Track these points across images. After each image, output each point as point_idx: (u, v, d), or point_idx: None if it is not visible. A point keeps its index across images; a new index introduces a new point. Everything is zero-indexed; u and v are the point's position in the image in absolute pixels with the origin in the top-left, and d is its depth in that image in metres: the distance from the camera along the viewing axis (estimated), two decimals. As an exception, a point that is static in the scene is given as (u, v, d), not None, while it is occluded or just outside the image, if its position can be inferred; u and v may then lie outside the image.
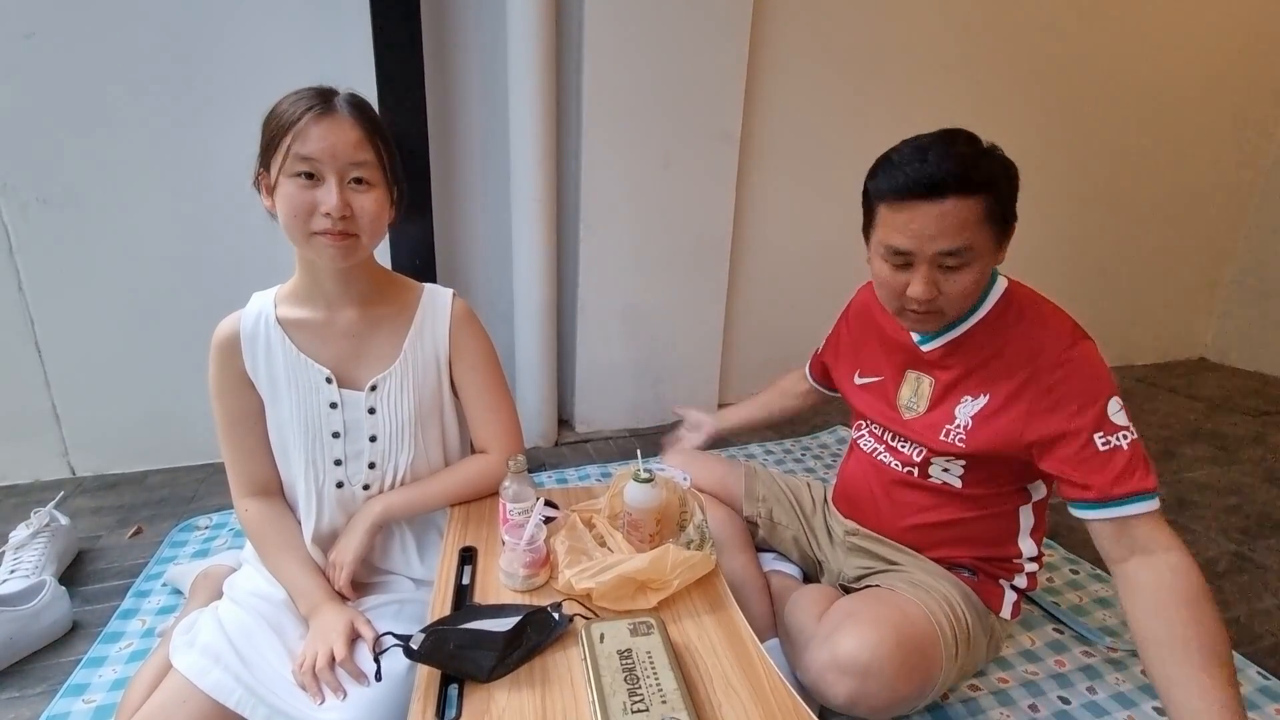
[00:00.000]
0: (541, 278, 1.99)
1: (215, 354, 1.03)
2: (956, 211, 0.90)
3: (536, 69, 1.80)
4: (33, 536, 1.38)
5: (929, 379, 1.11)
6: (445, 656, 0.75)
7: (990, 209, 0.92)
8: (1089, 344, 0.99)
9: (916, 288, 0.95)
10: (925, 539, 1.14)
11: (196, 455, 1.93)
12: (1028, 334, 1.00)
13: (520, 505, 0.97)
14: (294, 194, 0.91)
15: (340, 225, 0.92)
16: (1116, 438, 0.93)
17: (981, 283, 0.98)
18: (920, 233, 0.92)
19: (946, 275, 0.95)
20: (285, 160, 0.90)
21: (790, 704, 0.75)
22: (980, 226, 0.92)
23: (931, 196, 0.90)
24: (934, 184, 0.90)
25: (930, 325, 1.03)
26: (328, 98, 0.93)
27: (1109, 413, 0.94)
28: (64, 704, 1.10)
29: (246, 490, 1.08)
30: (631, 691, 0.72)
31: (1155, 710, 1.15)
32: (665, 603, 0.91)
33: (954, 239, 0.91)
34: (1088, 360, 0.97)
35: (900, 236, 0.94)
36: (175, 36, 1.61)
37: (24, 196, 1.61)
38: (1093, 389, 0.95)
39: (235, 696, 0.92)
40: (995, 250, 0.97)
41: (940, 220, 0.91)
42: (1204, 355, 3.39)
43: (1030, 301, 1.04)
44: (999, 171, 0.93)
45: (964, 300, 0.98)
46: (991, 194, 0.92)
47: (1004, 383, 1.01)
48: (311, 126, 0.90)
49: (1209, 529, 1.77)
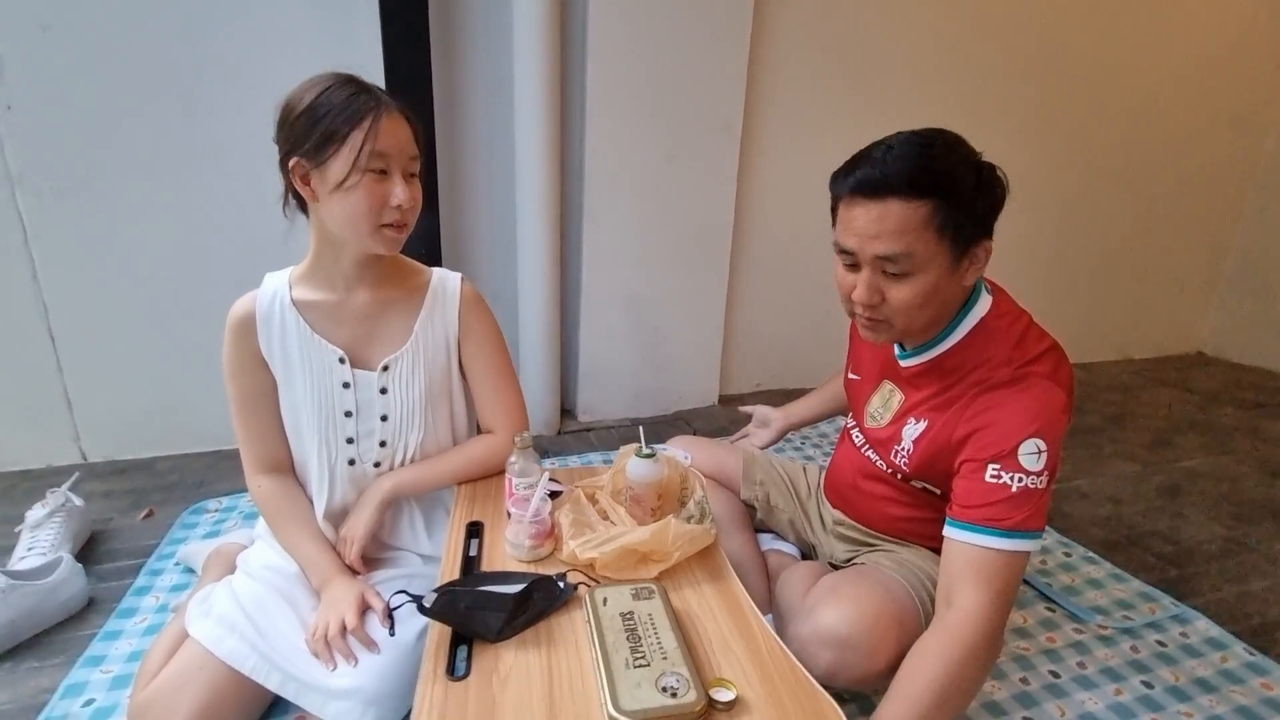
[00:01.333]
0: (545, 269, 2.03)
1: (230, 333, 1.06)
2: (896, 214, 0.85)
3: (541, 64, 1.83)
4: (49, 516, 1.41)
5: (900, 395, 1.09)
6: (456, 615, 0.78)
7: (940, 218, 0.85)
8: (1047, 384, 0.91)
9: (859, 291, 0.92)
10: (906, 532, 1.15)
11: (204, 442, 1.96)
12: (990, 359, 0.95)
13: (526, 480, 1.00)
14: (370, 188, 0.94)
15: (406, 217, 0.98)
16: (1009, 476, 0.87)
17: (933, 298, 0.91)
18: (861, 232, 0.88)
19: (889, 283, 0.90)
20: (359, 157, 0.92)
21: (787, 664, 0.79)
22: (923, 234, 0.86)
23: (874, 196, 0.87)
24: (876, 184, 0.86)
25: (881, 335, 0.98)
26: (378, 94, 0.96)
27: (1018, 452, 0.88)
28: (82, 673, 1.13)
29: (259, 467, 1.11)
30: (634, 649, 0.75)
31: (1143, 684, 1.18)
32: (666, 573, 0.94)
33: (891, 243, 0.86)
34: (1026, 395, 0.91)
35: (845, 234, 0.91)
36: (187, 29, 1.64)
37: (39, 186, 1.64)
38: (1014, 424, 0.89)
39: (250, 663, 0.95)
40: (950, 267, 0.89)
41: (880, 222, 0.86)
42: (1201, 350, 3.42)
43: (1011, 325, 0.97)
44: (963, 182, 0.86)
45: (911, 313, 0.92)
46: (944, 202, 0.85)
47: (946, 412, 0.97)
48: (382, 122, 0.93)
49: (1200, 515, 1.81)
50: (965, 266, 0.91)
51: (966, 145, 0.90)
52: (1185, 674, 1.21)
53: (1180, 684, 1.18)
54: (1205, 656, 1.25)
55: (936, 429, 0.99)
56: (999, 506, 0.88)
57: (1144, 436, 2.33)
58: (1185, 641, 1.29)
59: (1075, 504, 1.85)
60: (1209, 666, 1.23)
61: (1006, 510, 0.87)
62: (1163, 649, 1.27)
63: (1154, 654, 1.26)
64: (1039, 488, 0.88)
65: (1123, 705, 1.13)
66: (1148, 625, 1.33)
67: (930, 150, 0.87)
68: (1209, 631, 1.32)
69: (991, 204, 0.89)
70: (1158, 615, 1.36)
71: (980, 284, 1.02)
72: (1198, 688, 1.18)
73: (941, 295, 0.92)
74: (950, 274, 0.91)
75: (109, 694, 1.09)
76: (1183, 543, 1.66)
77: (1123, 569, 1.52)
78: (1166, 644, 1.28)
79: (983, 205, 0.88)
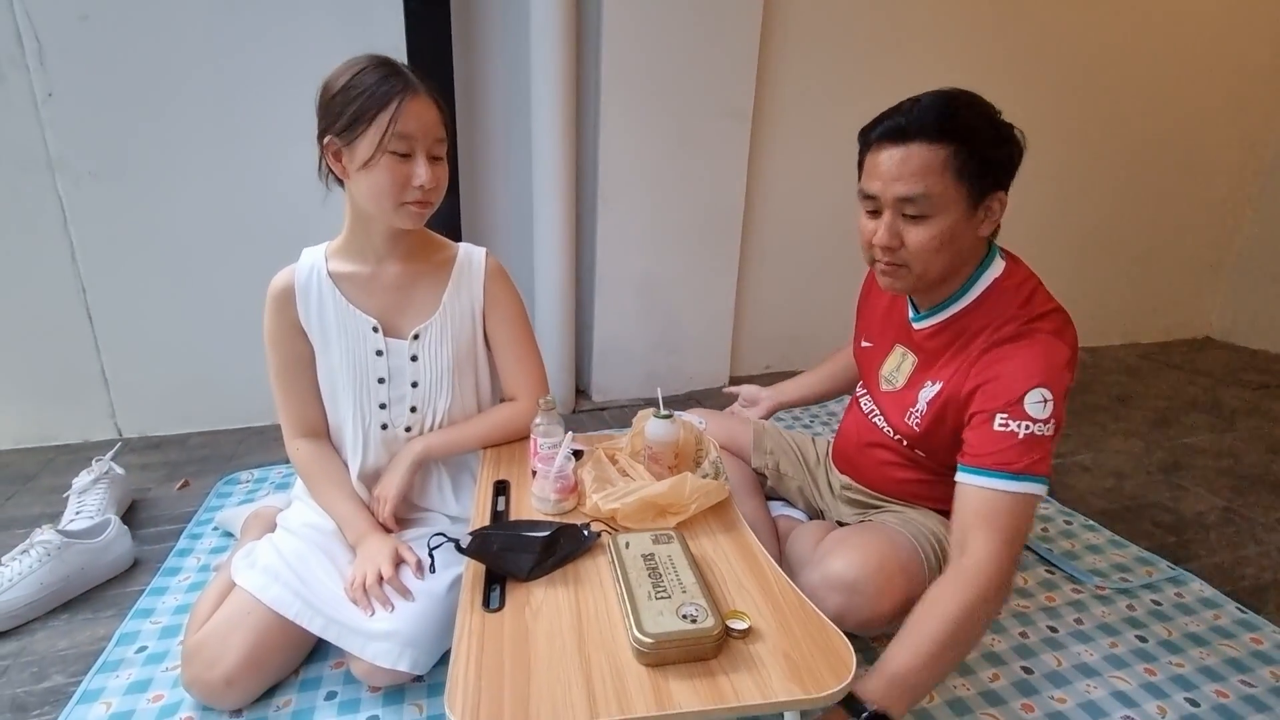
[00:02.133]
0: (560, 251, 2.08)
1: (271, 304, 1.13)
2: (919, 156, 0.91)
3: (557, 50, 1.88)
4: (94, 482, 1.49)
5: (913, 357, 1.14)
6: (490, 555, 0.85)
7: (959, 162, 0.91)
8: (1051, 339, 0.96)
9: (880, 234, 0.97)
10: (911, 494, 1.20)
11: (235, 419, 2.03)
12: (999, 316, 1.00)
13: (550, 440, 1.06)
14: (393, 168, 1.00)
15: (429, 196, 1.04)
16: (1017, 424, 0.92)
17: (949, 243, 0.96)
18: (885, 175, 0.94)
19: (908, 226, 0.96)
20: (384, 138, 0.98)
21: (796, 600, 0.85)
22: (943, 176, 0.91)
23: (899, 141, 0.93)
24: (902, 129, 0.93)
25: (898, 281, 1.02)
26: (407, 76, 1.01)
27: (1024, 401, 0.92)
28: (134, 624, 1.21)
29: (297, 431, 1.18)
30: (655, 584, 0.81)
31: (1138, 638, 1.23)
32: (682, 525, 1.00)
33: (912, 184, 0.92)
34: (1032, 347, 0.95)
35: (869, 179, 0.98)
36: (218, 17, 1.71)
37: (77, 170, 1.72)
38: (1021, 375, 0.93)
39: (295, 608, 1.02)
40: (967, 213, 0.95)
41: (903, 164, 0.92)
42: (1209, 334, 3.43)
43: (1020, 286, 1.02)
44: (983, 132, 0.93)
45: (928, 256, 0.96)
46: (962, 147, 0.91)
47: (958, 372, 1.02)
48: (408, 105, 0.98)
49: (1199, 487, 1.85)
50: (980, 217, 0.97)
51: (988, 103, 0.96)
52: (1178, 629, 1.26)
53: (1173, 638, 1.24)
54: (1198, 614, 1.30)
55: (949, 388, 1.03)
56: (1007, 452, 0.92)
57: (1148, 415, 2.37)
58: (1180, 601, 1.34)
59: (1078, 477, 1.89)
60: (1202, 623, 1.28)
61: (1015, 455, 0.91)
62: (1158, 607, 1.32)
63: (1149, 612, 1.31)
64: (1045, 435, 0.92)
65: (1117, 656, 1.18)
66: (1144, 586, 1.38)
67: (953, 102, 0.93)
68: (1203, 592, 1.37)
69: (1008, 157, 0.95)
70: (1154, 578, 1.41)
71: (995, 249, 1.06)
72: (1190, 641, 1.23)
73: (957, 242, 0.97)
74: (966, 220, 0.96)
75: (160, 641, 1.17)
76: (1181, 512, 1.71)
77: (1122, 536, 1.57)
78: (1161, 603, 1.33)
79: (999, 156, 0.94)
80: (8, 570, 1.21)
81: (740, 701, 0.69)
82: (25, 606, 1.20)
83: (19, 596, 1.20)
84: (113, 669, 1.11)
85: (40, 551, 1.24)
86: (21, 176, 1.68)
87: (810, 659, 0.74)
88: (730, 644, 0.76)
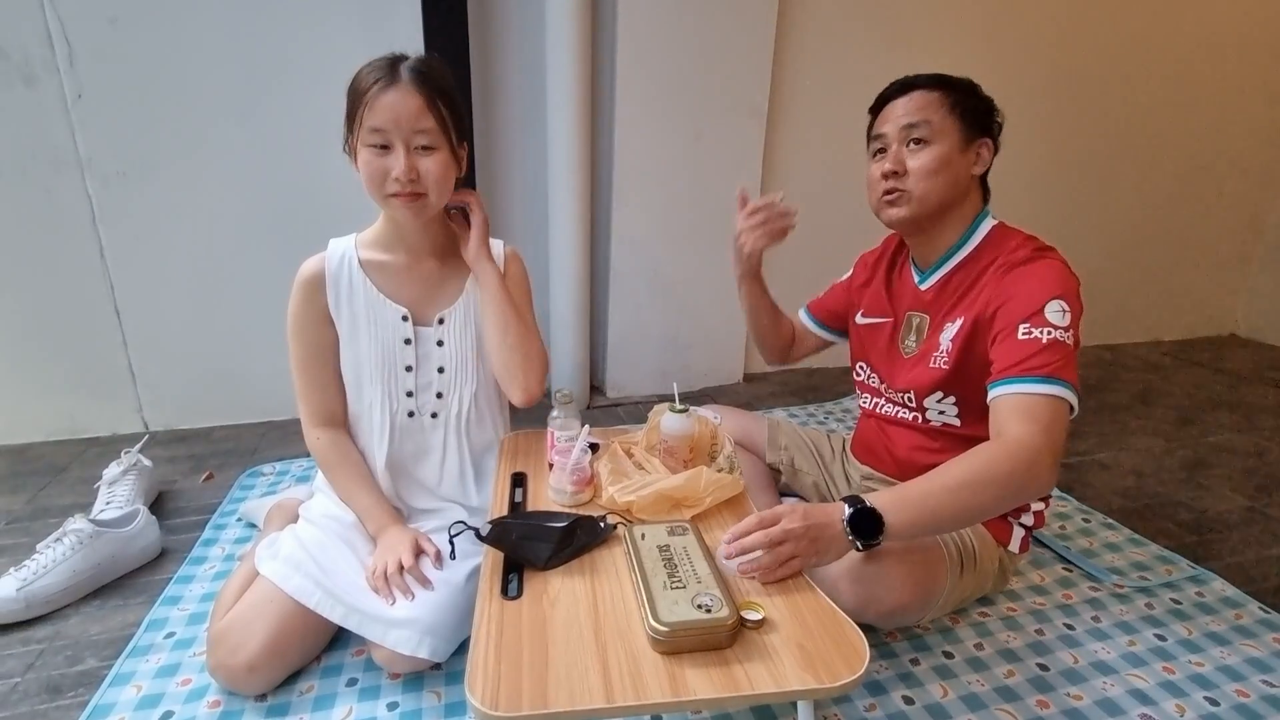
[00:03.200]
0: (576, 247, 2.10)
1: (299, 291, 1.15)
2: (920, 97, 1.11)
3: (573, 47, 1.90)
4: (123, 473, 1.53)
5: (925, 316, 1.20)
6: (509, 543, 0.86)
7: (954, 100, 1.09)
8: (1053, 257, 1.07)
9: (887, 162, 1.12)
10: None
11: (258, 413, 2.07)
12: (1007, 247, 1.10)
13: (567, 433, 1.08)
14: (370, 161, 1.03)
15: (410, 187, 1.04)
16: (1040, 330, 0.98)
17: (946, 168, 1.09)
18: (891, 115, 1.12)
19: (911, 154, 1.10)
20: (359, 131, 1.02)
21: (810, 593, 0.85)
22: (940, 110, 1.09)
23: (903, 91, 1.13)
24: (905, 83, 1.13)
25: (901, 208, 1.13)
26: (394, 67, 1.03)
27: (1045, 310, 0.99)
28: (162, 610, 1.24)
29: (318, 420, 1.20)
30: (670, 574, 0.82)
31: (1156, 637, 1.22)
32: (697, 518, 1.01)
33: (916, 114, 1.09)
34: (1045, 266, 1.05)
35: (878, 126, 1.15)
36: (243, 19, 1.74)
37: (106, 170, 1.76)
38: (1038, 288, 1.01)
39: (315, 598, 1.04)
40: (961, 144, 1.09)
41: (907, 104, 1.11)
42: (1235, 332, 3.37)
43: (1013, 233, 1.14)
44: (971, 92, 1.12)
45: (927, 179, 1.09)
46: (954, 92, 1.10)
47: (976, 302, 1.09)
48: (378, 98, 1.00)
49: (1223, 486, 1.82)
50: (972, 156, 1.12)
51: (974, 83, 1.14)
52: (1199, 629, 1.25)
53: (1193, 637, 1.22)
54: (1220, 613, 1.29)
55: (970, 317, 1.09)
56: (1034, 359, 0.97)
57: (1170, 414, 2.33)
58: (1201, 600, 1.33)
59: (1097, 474, 1.88)
60: (1223, 622, 1.26)
61: (1042, 360, 0.96)
62: (1177, 606, 1.31)
63: (1168, 610, 1.29)
64: (1067, 342, 0.98)
65: (1135, 654, 1.17)
66: (1163, 585, 1.37)
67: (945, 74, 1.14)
68: (1225, 591, 1.35)
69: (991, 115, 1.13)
70: (1174, 576, 1.40)
71: (987, 210, 1.17)
72: (1210, 640, 1.22)
73: (953, 170, 1.10)
74: (960, 153, 1.10)
75: (187, 628, 1.20)
76: (1203, 512, 1.69)
77: (1142, 535, 1.56)
78: (1181, 602, 1.32)
79: (984, 109, 1.12)
80: (42, 558, 1.25)
81: (754, 690, 0.70)
82: (59, 592, 1.24)
83: (53, 583, 1.23)
84: (143, 653, 1.14)
85: (73, 540, 1.28)
86: (52, 176, 1.73)
87: (824, 649, 0.75)
88: (745, 634, 0.77)
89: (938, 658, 1.16)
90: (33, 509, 1.59)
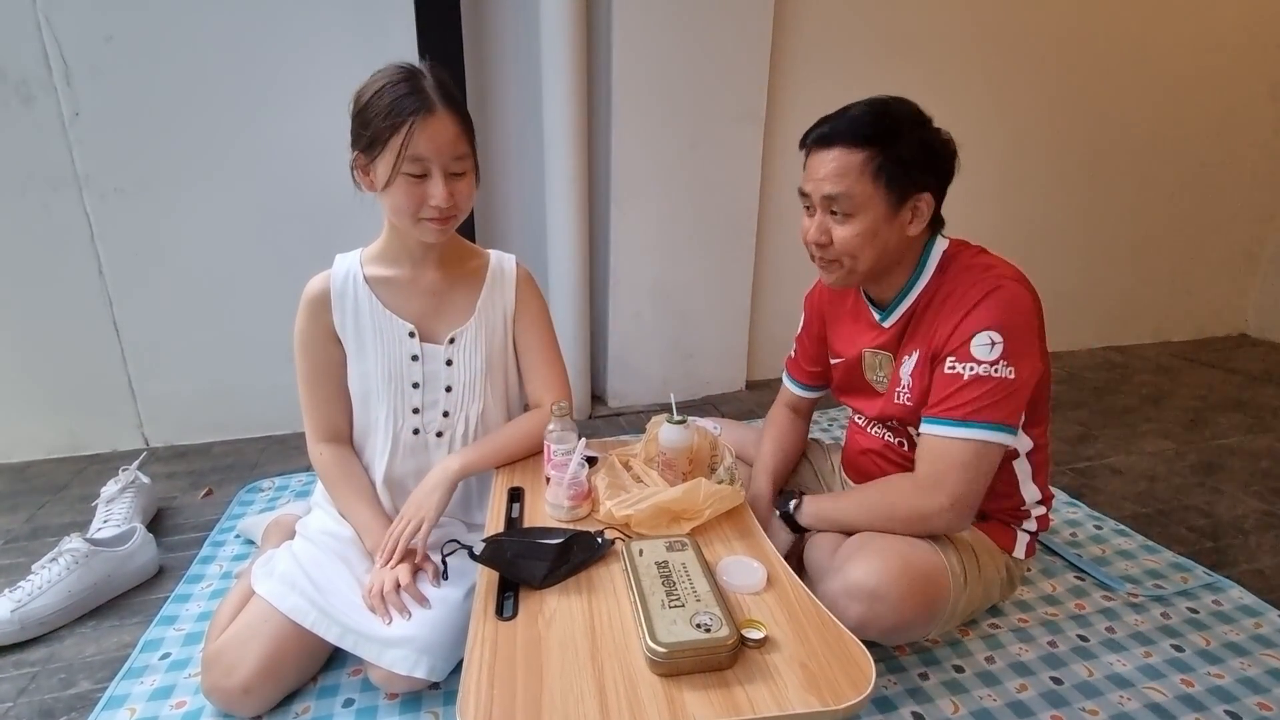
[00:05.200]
0: (574, 256, 2.09)
1: (305, 309, 1.14)
2: (838, 159, 1.00)
3: (568, 55, 1.89)
4: (121, 491, 1.52)
5: (885, 353, 1.15)
6: (503, 562, 0.84)
7: (877, 165, 0.98)
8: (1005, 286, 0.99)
9: (811, 231, 1.06)
10: None
11: (258, 428, 2.06)
12: (956, 281, 1.05)
13: (564, 447, 1.06)
14: (408, 189, 1.01)
15: (446, 212, 1.04)
16: (963, 366, 0.98)
17: (873, 239, 1.02)
18: (814, 176, 1.04)
19: (835, 223, 1.03)
20: (398, 161, 0.99)
21: (814, 610, 0.83)
22: (861, 178, 0.99)
23: (825, 145, 1.02)
24: (826, 136, 1.02)
25: (834, 275, 1.09)
26: (422, 90, 1.00)
27: (972, 344, 0.98)
28: (158, 631, 1.23)
29: (321, 436, 1.19)
30: (669, 592, 0.80)
31: (1173, 647, 1.19)
32: (697, 530, 0.99)
33: (834, 184, 1.00)
34: (990, 295, 0.99)
35: (804, 180, 1.07)
36: (238, 34, 1.74)
37: (103, 186, 1.76)
38: (968, 321, 0.99)
39: (311, 617, 1.03)
40: (889, 213, 1.01)
41: (824, 166, 1.01)
42: (1245, 331, 3.33)
43: (969, 256, 1.08)
44: (905, 138, 0.99)
45: (854, 252, 1.03)
46: (878, 151, 0.98)
47: (930, 336, 1.05)
48: (420, 130, 0.98)
49: (1237, 490, 1.78)
50: (906, 217, 1.03)
51: (918, 110, 1.03)
52: (1217, 639, 1.21)
53: (1211, 648, 1.19)
54: (1238, 623, 1.26)
55: (926, 352, 1.06)
56: (953, 397, 0.99)
57: (1181, 416, 2.29)
58: (1218, 609, 1.29)
59: (1107, 480, 1.84)
60: (1242, 632, 1.23)
61: (960, 399, 0.98)
62: (1194, 615, 1.27)
63: (1185, 620, 1.26)
64: (993, 375, 0.97)
65: (1151, 667, 1.14)
66: (1179, 594, 1.34)
67: (878, 110, 1.01)
68: (1242, 599, 1.32)
69: (932, 163, 1.02)
70: (1190, 584, 1.36)
71: (936, 235, 1.10)
72: (1229, 651, 1.18)
73: (883, 239, 1.03)
74: (889, 220, 1.02)
75: (182, 648, 1.18)
76: (1218, 517, 1.65)
77: (1155, 541, 1.52)
78: (1198, 610, 1.29)
79: (921, 160, 1.01)
80: (37, 578, 1.24)
81: (756, 713, 0.67)
82: (54, 613, 1.23)
83: (48, 604, 1.22)
84: (137, 675, 1.12)
85: (68, 559, 1.27)
86: (51, 194, 1.73)
87: (828, 669, 0.73)
88: (746, 654, 0.74)
89: (947, 672, 1.13)
90: (31, 527, 1.58)
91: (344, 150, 1.06)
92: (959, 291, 1.03)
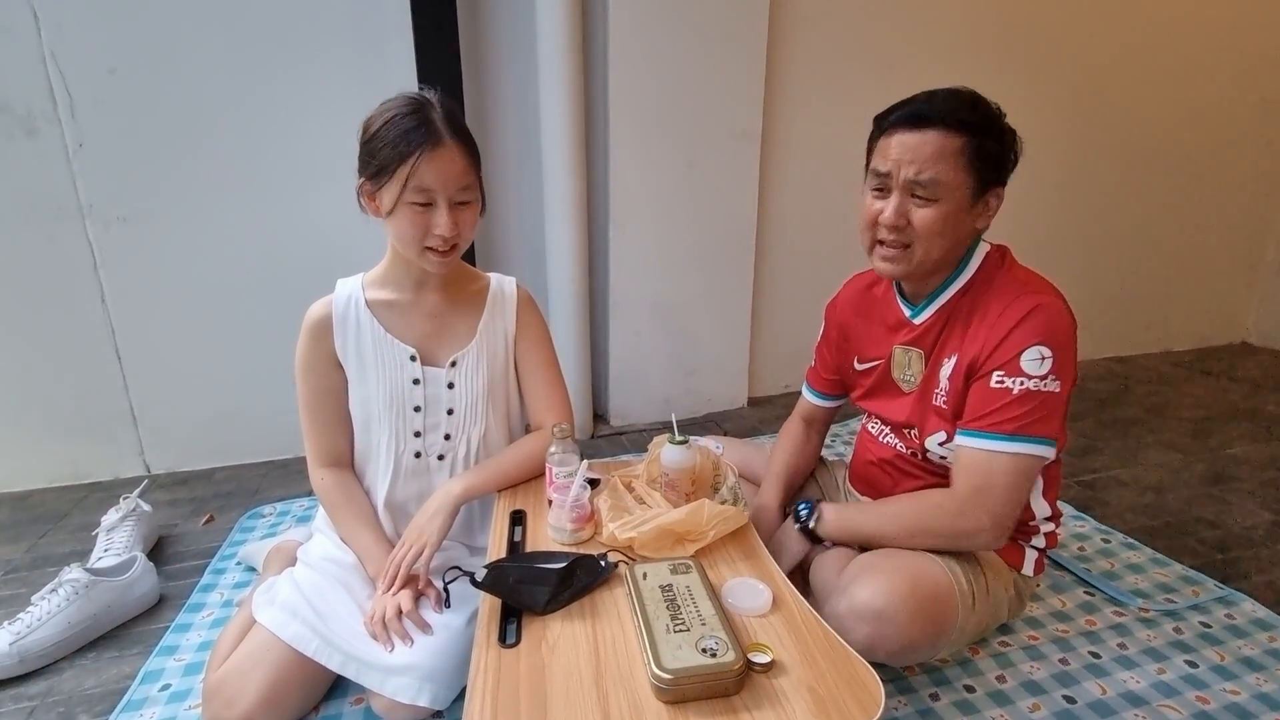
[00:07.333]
0: (574, 275, 2.09)
1: (307, 334, 1.14)
2: (934, 142, 0.97)
3: (565, 77, 1.91)
4: (122, 520, 1.51)
5: (917, 351, 1.13)
6: (506, 588, 0.83)
7: (970, 151, 0.97)
8: (1050, 300, 1.00)
9: (888, 213, 1.01)
10: None
11: (259, 453, 2.06)
12: (999, 290, 1.04)
13: (566, 469, 1.05)
14: (412, 219, 1.03)
15: (450, 243, 1.05)
16: (1012, 380, 0.97)
17: (951, 229, 1.00)
18: (899, 158, 0.99)
19: (916, 207, 1.00)
20: (403, 190, 1.00)
21: (821, 632, 0.82)
22: (954, 163, 0.97)
23: (917, 127, 0.98)
24: (921, 116, 0.98)
25: (899, 265, 1.05)
26: (431, 122, 1.01)
27: (1022, 358, 0.97)
28: (158, 661, 1.21)
29: (323, 460, 1.18)
30: (674, 616, 0.79)
31: (1187, 663, 1.17)
32: (702, 552, 0.98)
33: (925, 168, 0.97)
34: (1037, 310, 0.98)
35: (882, 159, 1.02)
36: (239, 62, 1.76)
37: (107, 216, 1.77)
38: (1018, 335, 0.97)
39: (313, 646, 1.01)
40: (969, 202, 0.99)
41: (918, 148, 0.98)
42: (1246, 340, 3.32)
43: (1010, 264, 1.08)
44: (992, 127, 0.99)
45: (931, 239, 1.00)
46: (975, 139, 0.97)
47: (970, 342, 1.04)
48: (426, 161, 0.99)
49: (1245, 500, 1.77)
50: (979, 210, 1.03)
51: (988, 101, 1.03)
52: (1231, 654, 1.19)
53: (1225, 663, 1.17)
54: (1252, 636, 1.24)
55: (964, 356, 1.04)
56: (1001, 411, 0.97)
57: (1185, 426, 2.28)
58: (1231, 623, 1.28)
59: (1114, 492, 1.83)
60: (1256, 646, 1.21)
61: (1008, 414, 0.97)
62: (1207, 630, 1.26)
63: (1198, 635, 1.24)
64: (1043, 390, 0.96)
65: (1166, 684, 1.12)
66: (1191, 608, 1.32)
67: (969, 97, 1.01)
68: (1255, 612, 1.30)
69: (1010, 157, 1.02)
70: (1201, 598, 1.35)
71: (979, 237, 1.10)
72: (1244, 666, 1.16)
73: (958, 229, 1.02)
74: (967, 210, 1.01)
75: (183, 679, 1.17)
76: (1228, 527, 1.64)
77: (1165, 554, 1.51)
78: (1211, 625, 1.27)
79: (1004, 154, 1.01)
80: (36, 610, 1.23)
81: (764, 740, 0.66)
82: (54, 645, 1.22)
83: (47, 635, 1.21)
84: (137, 708, 1.11)
85: (68, 590, 1.26)
86: (54, 224, 1.75)
87: (836, 693, 0.71)
88: (753, 678, 0.73)
89: (958, 692, 1.11)
90: (32, 558, 1.57)
91: (345, 178, 1.07)
92: (1001, 303, 1.01)
